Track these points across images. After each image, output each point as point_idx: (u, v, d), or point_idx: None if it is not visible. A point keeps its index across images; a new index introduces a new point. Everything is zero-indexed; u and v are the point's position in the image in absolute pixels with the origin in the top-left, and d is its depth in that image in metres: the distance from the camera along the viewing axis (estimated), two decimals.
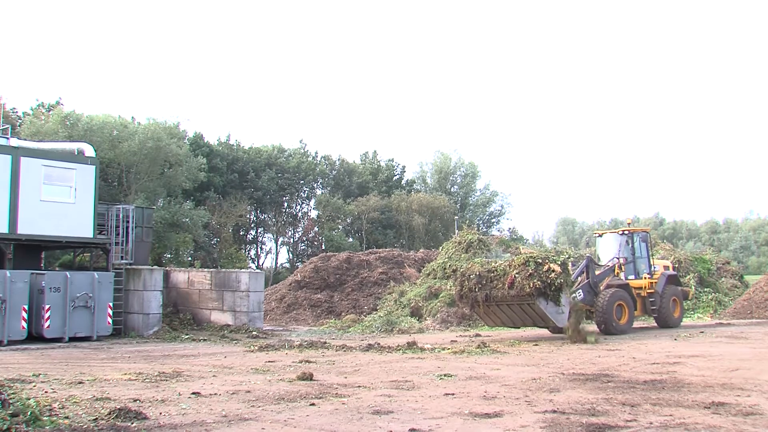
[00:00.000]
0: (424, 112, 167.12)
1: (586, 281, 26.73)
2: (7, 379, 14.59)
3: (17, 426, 9.55)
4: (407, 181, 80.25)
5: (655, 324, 30.20)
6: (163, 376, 16.90)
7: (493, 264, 25.33)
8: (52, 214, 28.62)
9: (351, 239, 67.19)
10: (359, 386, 15.26)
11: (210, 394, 14.06)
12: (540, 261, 23.99)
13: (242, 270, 36.58)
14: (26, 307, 26.33)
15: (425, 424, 10.92)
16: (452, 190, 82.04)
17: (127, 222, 31.60)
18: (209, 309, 32.33)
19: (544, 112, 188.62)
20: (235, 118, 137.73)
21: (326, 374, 17.23)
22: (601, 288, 27.07)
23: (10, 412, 9.91)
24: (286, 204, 67.43)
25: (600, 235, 31.31)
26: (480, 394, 14.04)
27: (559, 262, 24.05)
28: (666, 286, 29.38)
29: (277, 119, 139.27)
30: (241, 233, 64.94)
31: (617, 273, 28.38)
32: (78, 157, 30.72)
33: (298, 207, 70.02)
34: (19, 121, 50.65)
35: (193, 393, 14.20)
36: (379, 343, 24.13)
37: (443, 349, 22.29)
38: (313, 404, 12.91)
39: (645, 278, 29.13)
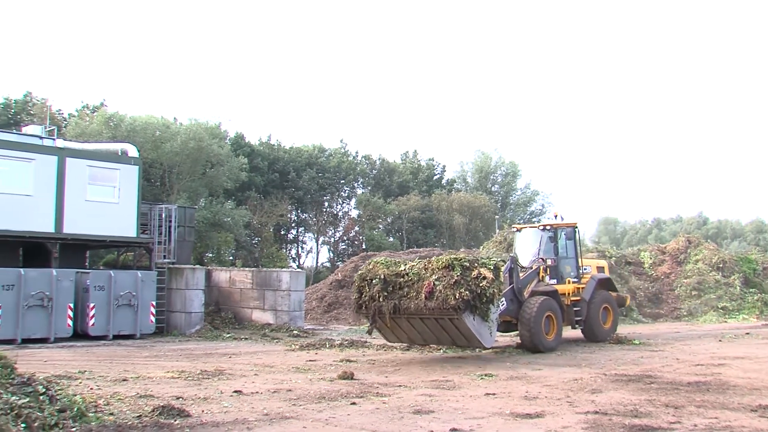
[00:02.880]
0: (465, 112, 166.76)
1: (510, 287, 21.83)
2: (54, 375, 14.81)
3: (64, 421, 9.70)
4: (447, 180, 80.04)
5: (582, 336, 25.42)
6: (206, 374, 17.05)
7: (402, 267, 19.90)
8: (96, 213, 28.98)
9: (391, 239, 67.15)
10: (400, 385, 15.28)
11: (251, 393, 14.16)
12: (467, 265, 18.90)
13: (283, 269, 36.76)
14: (72, 305, 26.68)
15: (466, 424, 10.91)
16: (493, 189, 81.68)
17: (170, 221, 31.89)
18: (250, 308, 32.51)
19: (585, 111, 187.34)
20: (276, 119, 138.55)
21: (367, 373, 17.28)
22: (525, 295, 22.45)
23: (58, 407, 10.06)
24: (326, 203, 67.56)
25: (518, 230, 26.60)
26: (521, 394, 13.99)
27: (491, 266, 19.22)
28: (595, 292, 24.75)
29: (317, 119, 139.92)
30: (282, 233, 65.24)
31: (542, 277, 23.85)
32: (122, 158, 31.08)
33: (339, 206, 70.16)
34: (65, 122, 51.31)
35: (235, 391, 14.31)
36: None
37: (484, 348, 22.24)
38: (354, 403, 12.95)
39: (569, 282, 24.43)
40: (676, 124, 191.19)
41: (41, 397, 10.09)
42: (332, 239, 67.54)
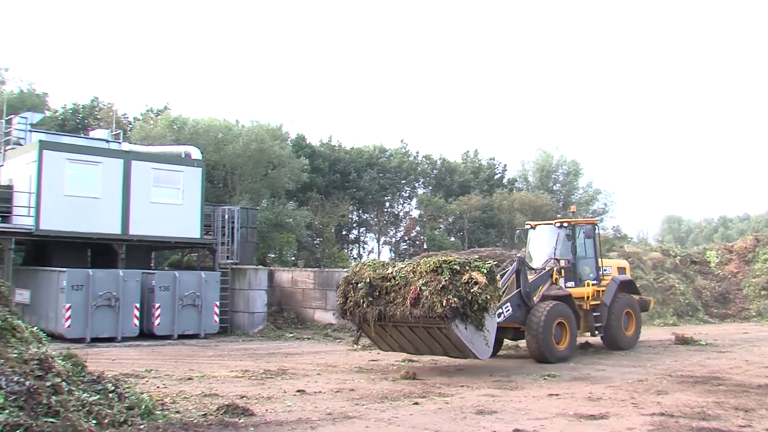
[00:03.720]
0: (526, 110, 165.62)
1: (516, 291, 20.01)
2: (122, 374, 15.08)
3: (133, 419, 9.90)
4: (509, 179, 79.44)
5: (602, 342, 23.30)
6: (269, 373, 17.22)
7: (390, 269, 18.04)
8: (161, 215, 29.48)
9: (453, 238, 66.87)
10: (462, 385, 15.27)
11: (314, 392, 14.27)
12: (457, 268, 16.82)
13: (345, 269, 36.93)
14: (138, 305, 27.15)
15: (529, 425, 10.86)
16: (554, 188, 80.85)
17: (233, 222, 32.23)
18: (312, 308, 32.70)
19: (648, 108, 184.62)
20: (336, 120, 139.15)
21: (429, 373, 17.30)
22: (535, 300, 20.47)
23: (126, 405, 10.27)
24: (387, 204, 67.57)
25: (532, 228, 23.99)
26: (584, 394, 13.87)
27: (485, 270, 16.97)
28: (616, 296, 22.56)
29: (378, 120, 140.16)
30: (344, 233, 65.44)
31: (556, 279, 21.54)
32: (185, 160, 31.56)
33: (400, 206, 70.06)
34: (130, 126, 52.25)
35: (298, 391, 14.45)
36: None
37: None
38: (416, 403, 12.98)
39: (589, 285, 22.18)
40: (742, 120, 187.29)
41: (110, 395, 10.32)
42: (393, 239, 67.55)
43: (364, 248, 68.25)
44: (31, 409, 8.57)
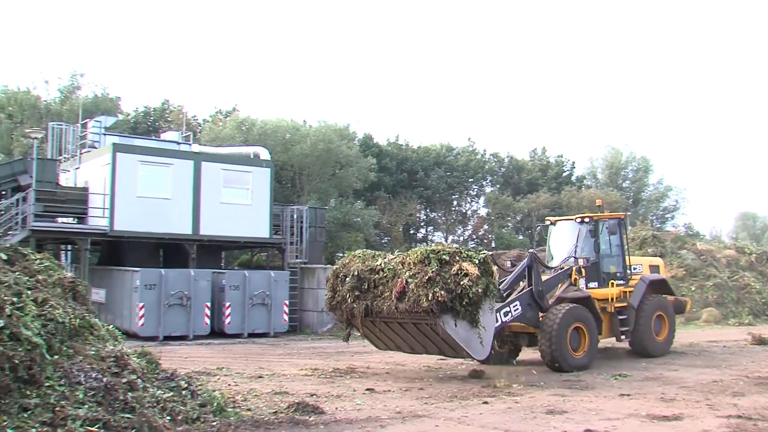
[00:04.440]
0: (594, 107, 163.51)
1: (528, 290, 18.19)
2: (194, 371, 15.32)
3: (205, 416, 10.07)
4: (577, 177, 78.55)
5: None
6: (338, 372, 17.34)
7: (379, 261, 16.59)
8: (230, 215, 29.88)
9: (521, 237, 66.45)
10: (532, 385, 15.16)
11: (383, 391, 14.32)
12: (446, 259, 15.25)
13: None
14: (209, 304, 27.54)
15: (601, 426, 10.74)
16: (624, 185, 79.71)
17: (301, 222, 32.50)
18: None
19: (721, 102, 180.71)
20: (403, 119, 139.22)
21: (498, 372, 17.19)
22: (549, 301, 18.53)
23: (199, 402, 10.45)
24: (455, 202, 67.44)
25: (552, 224, 22.01)
26: (657, 395, 13.67)
27: (477, 261, 15.41)
28: (645, 297, 20.39)
29: (445, 118, 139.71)
30: (411, 232, 65.48)
31: (575, 280, 19.43)
32: (254, 161, 31.95)
33: (467, 205, 69.86)
34: (200, 128, 53.11)
35: (367, 389, 14.51)
36: None
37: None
38: (485, 402, 12.94)
39: (613, 286, 20.04)
40: None
41: (183, 392, 10.52)
42: (461, 238, 67.33)
43: None
44: (108, 405, 8.79)
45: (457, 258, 15.31)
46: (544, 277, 18.88)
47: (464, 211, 68.98)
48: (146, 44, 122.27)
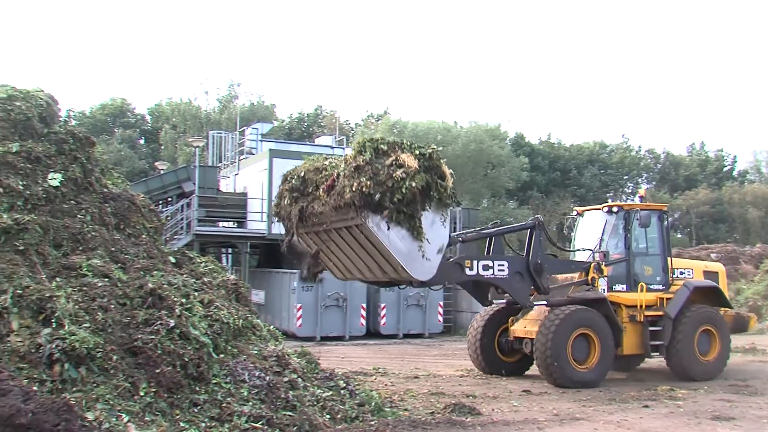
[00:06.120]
0: (755, 97, 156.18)
1: (524, 257, 15.74)
2: (351, 371, 15.61)
3: (364, 415, 10.27)
4: (739, 171, 75.51)
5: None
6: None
7: (329, 160, 13.88)
8: None
9: (679, 234, 64.51)
10: (695, 389, 14.70)
11: (540, 393, 14.18)
12: (384, 148, 12.58)
13: None
14: (364, 305, 27.93)
15: None
16: None
17: (454, 223, 32.52)
18: None
19: None
20: (555, 117, 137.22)
21: (654, 376, 16.73)
22: (548, 286, 15.82)
23: (357, 401, 10.66)
24: (609, 200, 66.18)
25: (579, 214, 19.01)
26: None
27: (419, 153, 12.70)
28: (687, 307, 16.51)
29: (597, 115, 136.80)
30: (565, 232, 64.79)
31: (592, 279, 16.36)
32: None
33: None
34: (352, 131, 54.21)
35: (524, 391, 14.41)
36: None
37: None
38: (646, 406, 12.63)
39: (644, 290, 16.57)
40: None
41: (342, 392, 10.77)
42: None
43: None
44: (271, 403, 9.11)
45: (396, 148, 12.70)
46: (553, 262, 16.72)
47: None
48: (300, 52, 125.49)
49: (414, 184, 12.24)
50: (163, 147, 60.10)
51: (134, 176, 46.55)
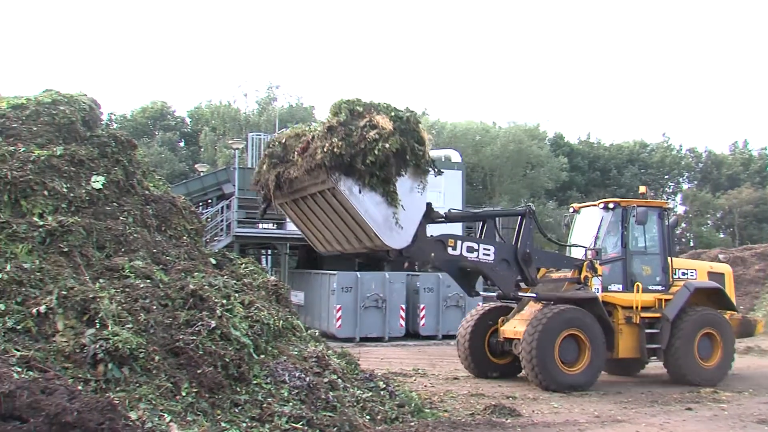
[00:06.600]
0: None
1: (512, 245, 15.27)
2: (391, 372, 15.62)
3: (403, 416, 10.28)
4: None
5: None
6: None
7: (310, 128, 13.34)
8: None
9: (722, 235, 63.77)
10: (739, 391, 14.49)
11: (581, 394, 14.09)
12: (359, 110, 12.16)
13: None
14: (404, 306, 27.91)
15: None
16: None
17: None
18: None
19: None
20: (594, 116, 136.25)
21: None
22: (536, 276, 15.39)
23: (397, 402, 10.67)
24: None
25: (576, 212, 18.28)
26: None
27: (394, 115, 12.15)
28: (686, 309, 15.86)
29: (637, 114, 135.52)
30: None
31: (585, 277, 15.61)
32: (445, 163, 32.14)
33: None
34: None
35: (564, 392, 14.31)
36: (759, 346, 22.56)
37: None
38: (689, 409, 12.49)
39: (639, 290, 15.88)
40: None
41: (382, 392, 10.79)
42: None
43: None
44: (311, 403, 9.15)
45: (372, 110, 12.22)
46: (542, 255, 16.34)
47: None
48: (337, 54, 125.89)
49: (387, 146, 11.75)
50: (202, 149, 60.70)
51: (174, 178, 47.06)
